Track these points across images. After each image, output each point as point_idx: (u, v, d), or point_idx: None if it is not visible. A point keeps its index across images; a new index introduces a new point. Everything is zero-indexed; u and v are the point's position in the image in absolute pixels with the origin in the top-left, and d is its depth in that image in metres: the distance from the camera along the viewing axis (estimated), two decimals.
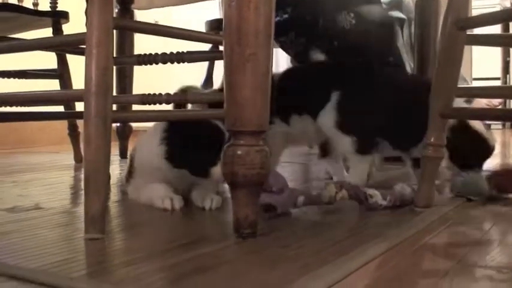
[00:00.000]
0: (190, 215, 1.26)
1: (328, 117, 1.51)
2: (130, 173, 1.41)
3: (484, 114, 1.22)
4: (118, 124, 2.22)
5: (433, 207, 1.26)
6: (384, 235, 1.03)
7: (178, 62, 1.42)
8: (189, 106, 1.53)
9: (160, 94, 1.30)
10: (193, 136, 1.28)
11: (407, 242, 1.01)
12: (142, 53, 1.40)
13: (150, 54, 1.43)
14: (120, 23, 1.24)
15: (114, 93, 1.91)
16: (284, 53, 2.20)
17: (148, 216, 1.25)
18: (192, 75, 2.65)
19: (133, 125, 2.22)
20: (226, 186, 1.17)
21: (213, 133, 1.28)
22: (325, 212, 1.26)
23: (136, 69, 1.90)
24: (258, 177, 0.99)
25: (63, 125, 2.45)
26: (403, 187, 1.28)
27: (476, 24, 1.17)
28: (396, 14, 2.16)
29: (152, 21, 3.03)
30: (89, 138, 1.00)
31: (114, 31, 1.87)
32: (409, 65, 2.03)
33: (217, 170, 1.24)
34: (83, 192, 1.01)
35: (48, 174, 1.97)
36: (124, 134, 2.14)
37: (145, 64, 1.46)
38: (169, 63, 1.37)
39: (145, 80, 2.33)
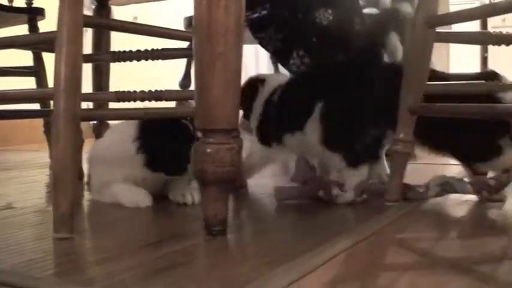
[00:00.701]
0: (162, 213, 1.27)
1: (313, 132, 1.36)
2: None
3: (456, 111, 1.23)
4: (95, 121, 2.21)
5: (403, 202, 1.27)
6: (353, 229, 1.04)
7: (153, 60, 1.42)
8: None
9: (135, 91, 1.30)
10: (167, 139, 1.29)
11: (375, 236, 1.02)
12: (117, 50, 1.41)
13: (125, 51, 1.43)
14: (90, 21, 1.24)
15: (91, 91, 1.92)
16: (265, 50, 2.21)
17: (121, 214, 1.25)
18: (175, 72, 2.64)
19: (111, 122, 2.22)
20: None
21: (184, 132, 1.29)
22: (297, 208, 1.28)
23: (120, 66, 1.89)
24: (228, 174, 0.99)
25: (42, 122, 2.43)
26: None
27: (445, 21, 1.19)
28: (372, 11, 2.17)
29: (131, 17, 3.03)
30: (58, 136, 1.00)
31: (91, 29, 1.87)
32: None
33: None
34: None
35: (25, 173, 1.97)
36: (100, 131, 2.13)
37: (120, 61, 1.45)
38: (152, 61, 1.38)
39: (127, 77, 2.32)
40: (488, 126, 1.26)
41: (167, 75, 2.80)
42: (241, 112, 1.47)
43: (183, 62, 2.62)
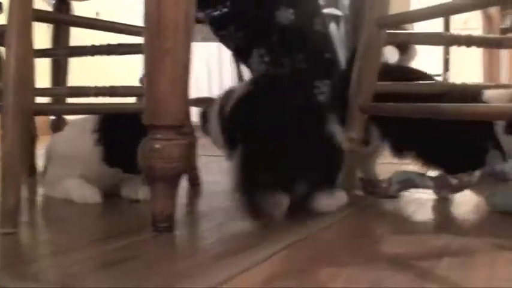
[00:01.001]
0: (113, 209, 1.27)
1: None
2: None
3: (405, 110, 1.23)
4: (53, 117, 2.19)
5: (351, 201, 1.28)
6: (297, 227, 1.05)
7: (109, 54, 1.42)
8: None
9: (89, 87, 1.29)
10: (127, 134, 1.28)
11: (320, 232, 1.03)
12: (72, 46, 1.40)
13: (80, 46, 1.42)
14: (41, 15, 1.23)
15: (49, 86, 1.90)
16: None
17: (72, 210, 1.25)
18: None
19: (68, 117, 2.20)
20: None
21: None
22: None
23: (88, 63, 1.87)
24: (176, 171, 1.00)
25: None
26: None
27: (396, 22, 1.20)
28: (333, 11, 2.19)
29: (93, 13, 3.01)
30: (6, 130, 1.00)
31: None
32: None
33: None
34: None
35: None
36: (58, 127, 2.11)
37: (75, 56, 1.44)
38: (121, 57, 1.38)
39: (93, 73, 2.30)
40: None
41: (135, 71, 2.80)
42: None
43: None
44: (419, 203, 1.32)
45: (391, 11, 1.24)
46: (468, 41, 1.29)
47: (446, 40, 1.27)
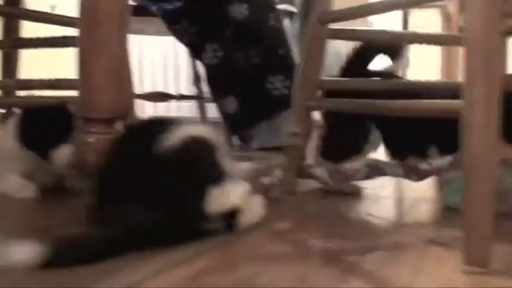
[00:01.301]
0: (57, 203, 1.25)
1: None
2: None
3: (353, 106, 1.23)
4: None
5: (294, 196, 1.28)
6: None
7: (52, 47, 1.40)
8: None
9: (33, 79, 1.28)
10: (42, 118, 1.26)
11: (252, 228, 1.02)
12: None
13: (24, 38, 1.40)
14: None
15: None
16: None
17: (11, 205, 1.23)
18: None
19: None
20: None
21: (60, 117, 1.24)
22: None
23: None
24: None
25: None
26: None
27: (336, 18, 1.20)
28: (287, 7, 2.20)
29: (49, 7, 2.97)
30: None
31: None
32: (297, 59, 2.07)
33: (58, 154, 1.22)
34: None
35: None
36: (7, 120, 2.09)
37: (21, 48, 1.42)
38: None
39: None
40: None
41: None
42: None
43: None
44: (359, 198, 1.33)
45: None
46: (413, 38, 1.31)
47: (391, 37, 1.28)
